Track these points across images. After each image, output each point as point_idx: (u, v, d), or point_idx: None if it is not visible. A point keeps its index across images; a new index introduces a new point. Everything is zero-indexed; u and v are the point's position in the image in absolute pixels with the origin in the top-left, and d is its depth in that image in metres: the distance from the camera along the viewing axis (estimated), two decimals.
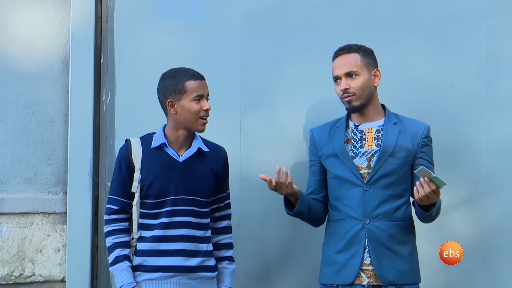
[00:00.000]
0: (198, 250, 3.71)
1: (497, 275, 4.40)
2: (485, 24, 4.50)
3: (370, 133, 3.78)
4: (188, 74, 3.69)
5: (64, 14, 4.39)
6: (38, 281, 4.34)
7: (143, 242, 3.69)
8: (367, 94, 3.75)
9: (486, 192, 4.44)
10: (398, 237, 3.71)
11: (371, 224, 3.69)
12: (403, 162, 3.73)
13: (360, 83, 3.73)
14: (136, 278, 3.67)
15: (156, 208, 3.70)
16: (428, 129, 3.80)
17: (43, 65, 4.37)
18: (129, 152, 3.73)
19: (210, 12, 4.44)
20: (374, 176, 3.71)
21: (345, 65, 3.76)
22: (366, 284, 3.68)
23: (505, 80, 4.49)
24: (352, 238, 3.71)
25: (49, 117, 4.38)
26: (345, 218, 3.75)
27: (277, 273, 4.45)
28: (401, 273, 3.69)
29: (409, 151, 3.73)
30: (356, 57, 3.76)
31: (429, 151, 3.80)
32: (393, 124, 3.77)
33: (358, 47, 3.81)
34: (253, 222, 4.40)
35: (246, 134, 4.43)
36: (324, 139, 3.86)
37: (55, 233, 4.36)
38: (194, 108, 3.66)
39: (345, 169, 3.75)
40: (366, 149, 3.75)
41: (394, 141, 3.72)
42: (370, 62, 3.78)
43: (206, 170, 3.75)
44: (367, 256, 3.68)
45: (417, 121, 3.83)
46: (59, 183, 4.38)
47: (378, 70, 3.80)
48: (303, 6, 4.49)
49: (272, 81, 4.46)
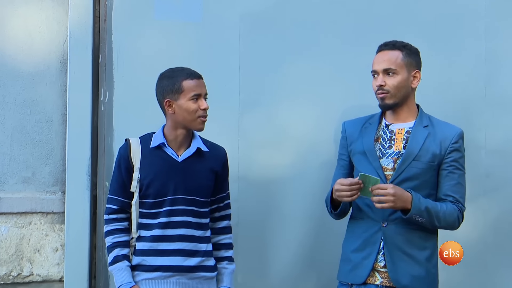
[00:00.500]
0: (197, 250, 3.70)
1: (495, 274, 4.41)
2: (483, 23, 4.50)
3: (400, 134, 3.72)
4: (185, 74, 3.68)
5: (62, 14, 4.39)
6: (36, 280, 4.33)
7: (142, 242, 3.69)
8: (402, 94, 3.69)
9: (485, 191, 4.45)
10: (416, 242, 3.66)
11: (388, 227, 3.65)
12: (427, 167, 3.66)
13: (397, 82, 3.67)
14: (135, 277, 3.67)
15: (155, 208, 3.69)
16: (460, 134, 3.72)
17: (41, 64, 4.37)
18: (128, 151, 3.73)
19: (208, 11, 4.44)
20: (397, 178, 3.65)
21: (385, 61, 3.69)
22: (379, 284, 3.65)
23: (503, 79, 4.50)
24: (368, 239, 3.68)
25: (47, 116, 4.37)
26: (364, 218, 3.72)
27: (276, 273, 4.44)
28: (416, 278, 3.64)
29: (436, 155, 3.66)
30: (398, 55, 3.70)
31: (459, 156, 3.71)
32: (423, 127, 3.70)
33: (403, 45, 3.75)
34: (252, 221, 4.40)
35: (244, 134, 4.43)
36: (356, 134, 3.80)
37: (53, 232, 4.35)
38: (192, 108, 3.66)
39: (371, 169, 3.69)
40: (394, 149, 3.70)
41: (420, 145, 3.66)
42: (412, 62, 3.72)
43: (205, 170, 3.75)
44: (382, 258, 3.65)
45: (450, 126, 3.76)
46: (57, 183, 4.37)
47: (418, 72, 3.74)
48: (301, 5, 4.48)
49: (270, 81, 4.45)
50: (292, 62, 4.46)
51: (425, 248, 3.69)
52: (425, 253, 3.68)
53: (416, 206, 3.57)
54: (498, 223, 4.46)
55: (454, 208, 3.68)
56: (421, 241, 3.68)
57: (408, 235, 3.65)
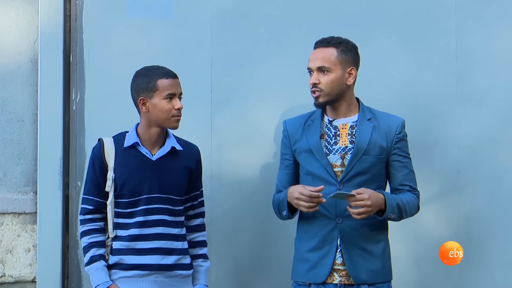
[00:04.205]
0: (174, 248, 3.71)
1: (467, 270, 4.42)
2: (454, 19, 4.51)
3: (344, 129, 3.72)
4: (160, 73, 3.67)
5: (32, 13, 4.37)
6: (8, 281, 4.31)
7: (118, 241, 3.69)
8: (337, 92, 3.68)
9: (457, 188, 4.47)
10: (371, 236, 3.68)
11: (343, 223, 3.65)
12: (376, 160, 3.68)
13: (330, 80, 3.66)
14: (112, 276, 3.67)
15: (130, 207, 3.69)
16: (402, 124, 3.74)
17: (12, 64, 4.35)
18: (102, 151, 3.72)
19: (179, 9, 4.43)
20: (348, 174, 3.66)
21: (319, 59, 3.68)
22: (338, 283, 3.65)
23: (474, 75, 4.51)
24: (324, 237, 3.67)
25: (18, 116, 4.35)
26: (317, 216, 3.69)
27: (248, 271, 4.45)
28: (373, 272, 3.66)
29: (383, 148, 3.69)
30: (332, 53, 3.68)
31: (404, 145, 3.75)
32: (367, 120, 3.71)
33: (339, 41, 3.72)
34: (225, 220, 4.40)
35: (217, 132, 4.43)
36: (299, 133, 3.79)
37: (26, 233, 4.33)
38: (166, 107, 3.65)
39: (318, 166, 3.69)
40: (340, 145, 3.70)
41: (368, 139, 3.67)
42: (348, 59, 3.69)
43: (179, 168, 3.75)
44: (339, 256, 3.65)
45: (392, 116, 3.78)
46: (29, 183, 4.35)
47: (354, 68, 3.71)
48: (273, 3, 4.49)
49: (242, 78, 4.45)
50: (264, 60, 4.46)
51: (380, 241, 3.71)
52: (380, 246, 3.70)
53: (390, 205, 3.60)
54: (470, 220, 4.47)
55: (413, 197, 3.73)
56: (375, 235, 3.70)
57: (363, 229, 3.66)
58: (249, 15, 4.48)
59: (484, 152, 4.48)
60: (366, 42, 4.37)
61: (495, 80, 4.50)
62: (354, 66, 3.73)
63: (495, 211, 4.47)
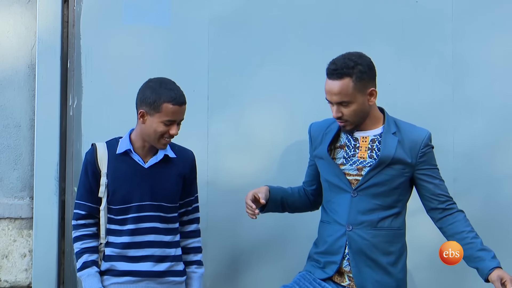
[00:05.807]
0: (166, 255, 3.71)
1: (463, 277, 4.41)
2: (450, 27, 4.52)
3: (364, 142, 3.66)
4: (169, 96, 3.58)
5: (30, 19, 4.37)
6: (4, 287, 4.31)
7: (110, 248, 3.69)
8: (361, 116, 3.60)
9: (453, 195, 4.44)
10: (380, 247, 3.62)
11: (353, 231, 3.61)
12: (398, 174, 3.61)
13: (353, 111, 3.56)
14: (104, 282, 3.67)
15: (122, 214, 3.69)
16: (428, 138, 3.66)
17: (9, 69, 4.35)
18: (95, 156, 3.72)
19: (176, 15, 4.44)
20: (364, 184, 3.60)
21: (336, 94, 3.54)
22: (346, 285, 3.63)
23: (471, 83, 4.52)
24: (332, 243, 3.65)
25: (15, 121, 4.36)
26: (330, 221, 3.68)
27: (245, 277, 4.45)
28: (380, 283, 3.61)
29: (407, 164, 3.61)
30: (348, 84, 3.52)
31: (430, 157, 3.67)
32: (392, 134, 3.63)
33: (351, 67, 3.53)
34: (221, 226, 4.41)
35: (213, 138, 4.43)
36: (319, 139, 3.75)
37: (21, 238, 4.33)
38: (160, 130, 3.60)
39: (332, 174, 3.67)
40: (358, 157, 3.64)
41: (392, 153, 3.59)
42: (365, 82, 3.55)
43: (172, 175, 3.74)
44: (347, 264, 3.63)
45: (417, 129, 3.69)
46: (26, 188, 4.35)
47: (374, 90, 3.59)
48: (270, 9, 4.49)
49: (239, 85, 4.46)
50: (261, 66, 4.47)
51: (390, 253, 3.65)
52: (390, 258, 3.64)
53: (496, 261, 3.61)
54: None
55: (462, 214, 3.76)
56: (386, 246, 3.64)
57: (373, 239, 3.61)
58: (246, 21, 4.49)
59: (480, 159, 4.49)
60: (362, 50, 4.33)
61: (491, 87, 4.52)
62: (373, 85, 3.62)
63: (492, 218, 4.48)
